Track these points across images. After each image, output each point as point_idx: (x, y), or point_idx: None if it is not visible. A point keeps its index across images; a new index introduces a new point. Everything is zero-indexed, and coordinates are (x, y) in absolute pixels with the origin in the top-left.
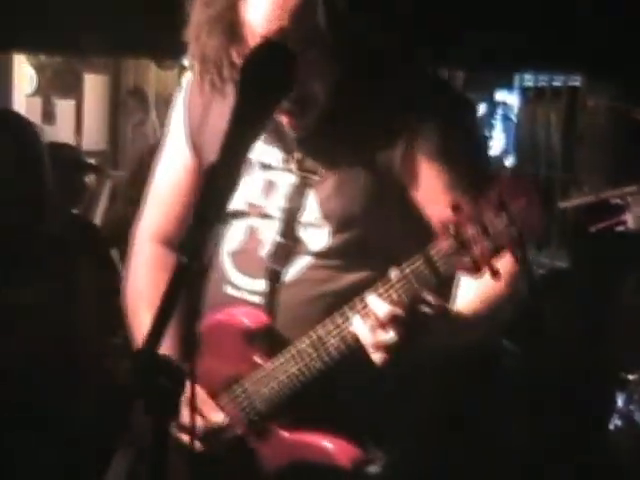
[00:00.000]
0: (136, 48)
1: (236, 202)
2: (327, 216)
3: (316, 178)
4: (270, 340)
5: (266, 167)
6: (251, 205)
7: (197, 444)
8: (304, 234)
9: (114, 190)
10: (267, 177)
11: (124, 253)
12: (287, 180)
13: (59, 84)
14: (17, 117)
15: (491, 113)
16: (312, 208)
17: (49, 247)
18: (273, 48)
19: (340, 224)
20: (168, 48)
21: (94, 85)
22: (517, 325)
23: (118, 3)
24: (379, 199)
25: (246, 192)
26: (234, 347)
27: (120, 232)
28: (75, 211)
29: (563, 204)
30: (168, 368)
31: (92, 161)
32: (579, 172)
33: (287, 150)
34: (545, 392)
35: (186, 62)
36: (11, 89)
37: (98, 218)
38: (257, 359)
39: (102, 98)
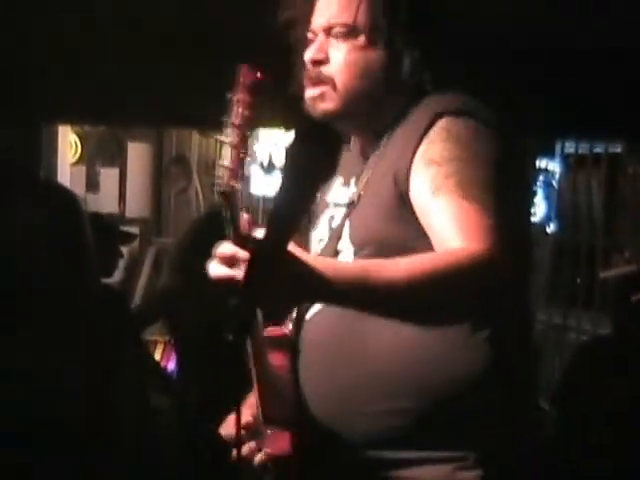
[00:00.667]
0: (180, 118)
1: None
2: (352, 238)
3: (354, 203)
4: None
5: (334, 205)
6: (321, 242)
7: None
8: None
9: (157, 257)
10: (331, 213)
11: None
12: (340, 213)
13: (103, 153)
14: (59, 187)
15: (533, 180)
16: (345, 234)
17: (87, 317)
18: (320, 132)
19: (360, 245)
20: (211, 117)
21: (137, 153)
22: (558, 391)
23: (162, 74)
24: (397, 219)
25: (319, 231)
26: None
27: (166, 303)
28: (109, 280)
29: (604, 274)
30: None
31: (135, 229)
32: (621, 238)
33: (348, 184)
34: (586, 460)
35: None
36: (55, 158)
37: (141, 286)
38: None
39: (145, 166)
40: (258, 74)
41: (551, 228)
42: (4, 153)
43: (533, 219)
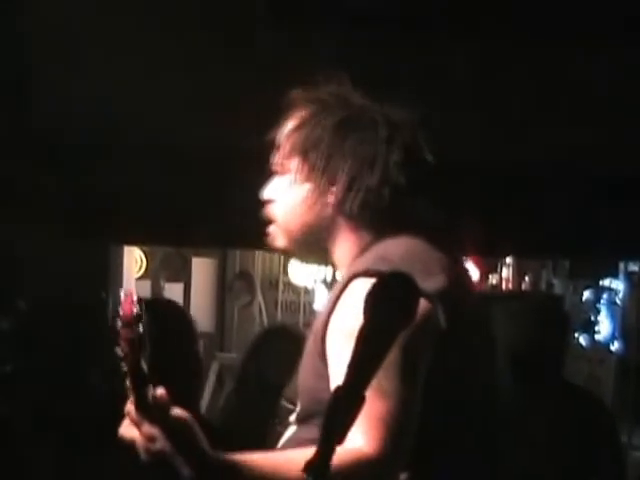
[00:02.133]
0: (243, 239)
1: None
2: (298, 389)
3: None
4: None
5: None
6: None
7: None
8: None
9: (221, 372)
10: None
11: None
12: None
13: (168, 268)
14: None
15: (597, 298)
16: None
17: None
18: (401, 280)
19: (299, 400)
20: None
21: (202, 268)
22: None
23: (225, 196)
24: (321, 375)
25: None
26: None
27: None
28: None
29: None
30: None
31: (199, 343)
32: None
33: None
34: None
35: None
36: (121, 272)
37: (205, 400)
38: None
39: (209, 281)
40: (134, 309)
41: (615, 346)
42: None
43: (598, 337)
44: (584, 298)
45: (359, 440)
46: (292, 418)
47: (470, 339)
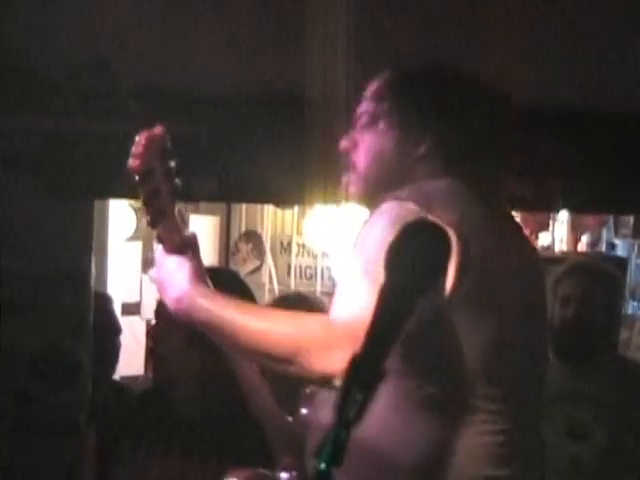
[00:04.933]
0: (251, 192)
1: None
2: None
3: None
4: None
5: None
6: None
7: None
8: None
9: None
10: None
11: None
12: None
13: None
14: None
15: None
16: None
17: None
18: (423, 228)
19: None
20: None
21: (200, 228)
22: None
23: (229, 144)
24: None
25: None
26: None
27: None
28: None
29: None
30: None
31: None
32: None
33: None
34: None
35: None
36: (106, 232)
37: None
38: None
39: (210, 243)
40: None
41: None
42: None
43: None
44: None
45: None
46: None
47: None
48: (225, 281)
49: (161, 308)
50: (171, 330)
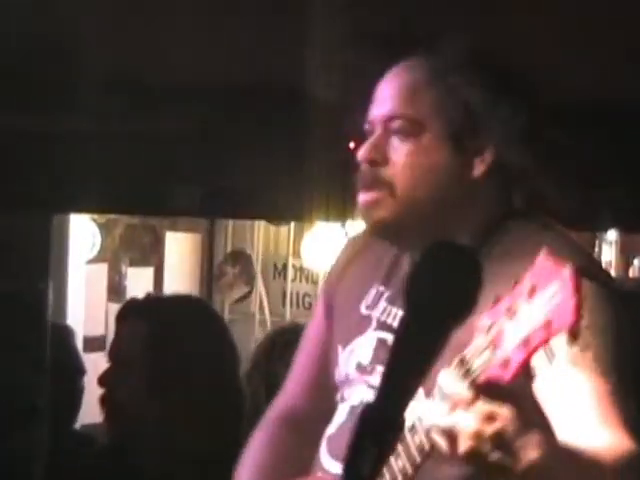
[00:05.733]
0: (238, 206)
1: (347, 367)
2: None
3: None
4: None
5: (383, 326)
6: (360, 368)
7: None
8: None
9: None
10: (382, 336)
11: None
12: None
13: (131, 246)
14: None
15: None
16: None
17: None
18: (448, 251)
19: None
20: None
21: (179, 247)
22: None
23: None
24: None
25: (359, 353)
26: None
27: None
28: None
29: None
30: None
31: None
32: None
33: None
34: None
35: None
36: (66, 253)
37: None
38: None
39: (190, 265)
40: None
41: None
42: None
43: None
44: None
45: (602, 437)
46: None
47: None
48: (188, 313)
49: (116, 346)
50: (128, 373)
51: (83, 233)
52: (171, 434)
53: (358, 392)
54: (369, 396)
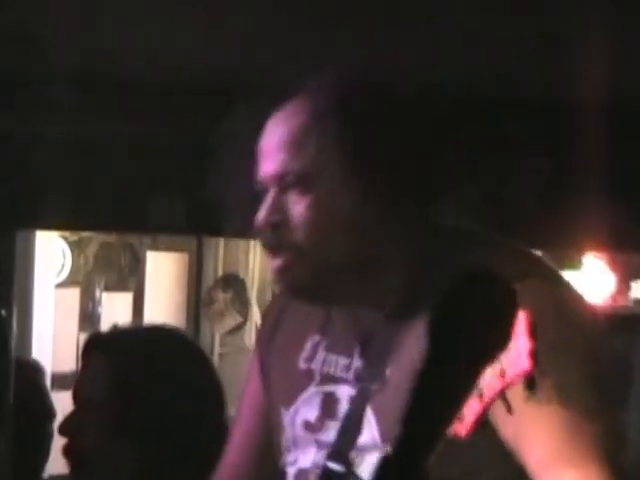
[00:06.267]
0: (230, 223)
1: (294, 428)
2: (383, 435)
3: (374, 388)
4: None
5: (327, 378)
6: (309, 426)
7: None
8: (357, 459)
9: None
10: (328, 389)
11: None
12: (347, 393)
13: (107, 268)
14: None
15: None
16: (369, 427)
17: None
18: (480, 281)
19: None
20: None
21: (162, 269)
22: None
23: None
24: None
25: (304, 411)
26: None
27: None
28: None
29: None
30: None
31: None
32: None
33: (348, 354)
34: None
35: None
36: (32, 275)
37: None
38: None
39: (174, 290)
40: None
41: None
42: None
43: None
44: None
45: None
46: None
47: None
48: (161, 345)
49: (79, 386)
50: (90, 418)
51: (51, 253)
52: None
53: (307, 453)
54: (319, 458)
